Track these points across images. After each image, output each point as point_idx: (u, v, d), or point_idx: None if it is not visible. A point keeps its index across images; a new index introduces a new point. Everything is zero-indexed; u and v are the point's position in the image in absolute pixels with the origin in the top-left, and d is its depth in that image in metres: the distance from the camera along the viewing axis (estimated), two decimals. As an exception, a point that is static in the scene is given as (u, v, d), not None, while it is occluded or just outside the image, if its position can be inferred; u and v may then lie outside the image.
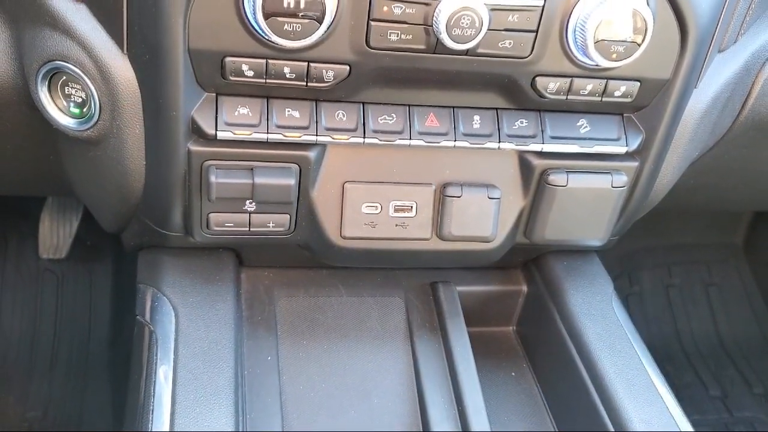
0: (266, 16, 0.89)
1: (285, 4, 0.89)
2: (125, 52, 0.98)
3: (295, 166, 1.07)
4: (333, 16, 0.92)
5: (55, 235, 2.15)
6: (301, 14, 0.90)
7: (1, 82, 1.08)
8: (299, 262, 1.29)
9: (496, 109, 1.11)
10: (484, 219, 1.14)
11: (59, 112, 1.05)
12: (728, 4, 1.08)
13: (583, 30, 0.98)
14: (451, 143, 1.10)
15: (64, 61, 1.00)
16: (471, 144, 1.10)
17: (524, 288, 1.40)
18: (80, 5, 0.98)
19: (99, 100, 1.01)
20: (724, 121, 1.29)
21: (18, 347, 2.07)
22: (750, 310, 2.55)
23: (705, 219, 2.60)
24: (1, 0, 1.03)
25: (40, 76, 1.02)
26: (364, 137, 1.07)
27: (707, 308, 2.53)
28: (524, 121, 1.11)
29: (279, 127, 1.04)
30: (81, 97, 1.03)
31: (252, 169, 1.06)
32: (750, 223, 2.59)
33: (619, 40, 0.98)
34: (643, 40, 0.99)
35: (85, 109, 1.04)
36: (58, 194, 2.05)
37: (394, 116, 1.08)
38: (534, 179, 1.15)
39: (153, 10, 0.92)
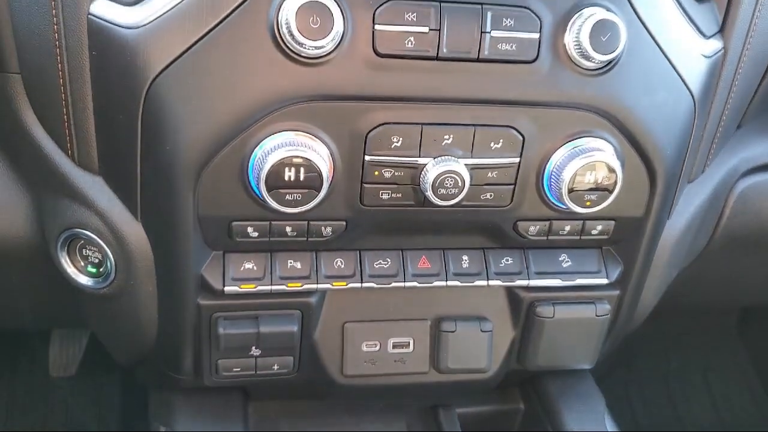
0: (269, 189, 0.98)
1: (286, 178, 0.98)
2: (139, 219, 1.07)
3: (297, 312, 1.15)
4: (329, 184, 1.01)
5: (65, 354, 2.21)
6: (300, 186, 0.99)
7: (23, 243, 1.17)
8: (304, 394, 1.35)
9: (483, 248, 1.19)
10: (479, 351, 1.21)
11: (77, 272, 1.14)
12: (693, 142, 1.18)
13: (557, 182, 1.07)
14: (443, 283, 1.18)
15: (83, 229, 1.08)
16: (462, 283, 1.18)
17: (522, 406, 1.46)
18: (97, 178, 1.07)
19: (115, 262, 1.10)
20: (699, 242, 1.38)
21: (28, 465, 2.10)
22: (749, 394, 2.58)
23: (697, 305, 2.65)
24: (23, 171, 1.13)
25: (60, 242, 1.10)
26: (362, 282, 1.15)
27: (706, 393, 2.56)
28: (509, 258, 1.19)
29: (282, 278, 1.12)
30: (98, 258, 1.12)
31: (257, 317, 1.13)
32: (742, 308, 2.65)
33: (592, 189, 1.07)
34: (614, 188, 1.08)
35: (101, 269, 1.12)
36: (73, 327, 2.12)
37: (389, 260, 1.16)
38: (523, 311, 1.23)
39: (165, 183, 1.01)
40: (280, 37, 0.93)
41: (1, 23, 0.99)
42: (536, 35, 0.99)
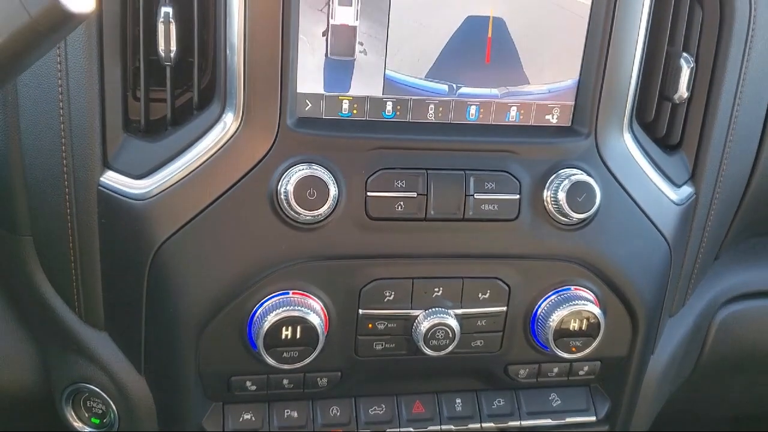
0: (267, 348, 1.03)
1: (283, 337, 1.02)
2: (142, 374, 1.11)
3: None
4: (324, 338, 1.05)
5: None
6: (297, 344, 1.03)
7: (28, 392, 1.21)
8: None
9: (476, 390, 1.23)
10: (474, 496, 1.24)
11: (81, 424, 1.17)
12: (671, 282, 1.23)
13: (543, 329, 1.12)
14: (437, 427, 1.21)
15: (87, 383, 1.12)
16: (455, 427, 1.21)
17: None
18: (102, 333, 1.12)
19: (118, 414, 1.13)
20: (685, 370, 1.42)
21: None
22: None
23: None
24: (31, 324, 1.18)
25: (65, 395, 1.14)
26: (357, 430, 1.18)
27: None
28: (501, 400, 1.23)
29: (279, 427, 1.15)
30: (101, 409, 1.15)
31: None
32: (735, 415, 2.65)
33: (576, 335, 1.12)
34: (598, 334, 1.13)
35: (105, 420, 1.16)
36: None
37: (383, 406, 1.20)
38: None
39: (168, 341, 1.06)
40: (279, 206, 1.00)
41: (15, 190, 1.06)
42: (516, 196, 1.06)
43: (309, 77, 1.01)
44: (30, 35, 0.65)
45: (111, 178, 1.02)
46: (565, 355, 1.13)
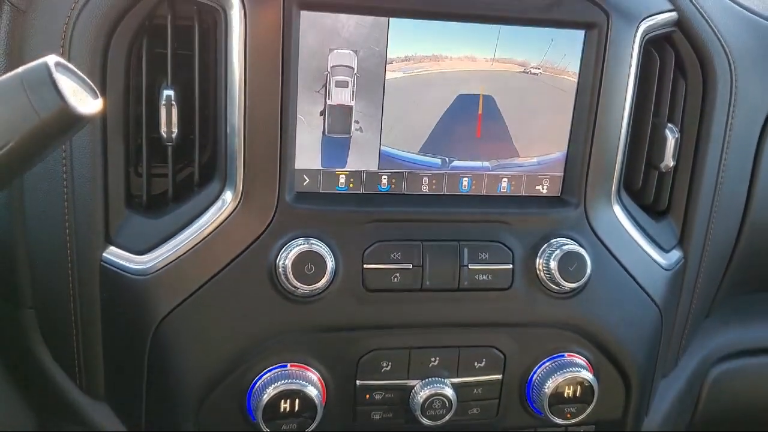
0: (266, 421, 1.04)
1: (282, 410, 1.04)
2: None
3: None
4: (323, 411, 1.07)
5: None
6: (296, 416, 1.05)
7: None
8: None
9: None
10: None
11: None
12: (663, 344, 1.26)
13: (538, 395, 1.14)
14: None
15: (88, 455, 1.13)
16: None
17: None
18: (103, 404, 1.13)
19: (119, 483, 1.14)
20: (679, 429, 1.43)
21: None
22: None
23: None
24: (31, 396, 1.18)
25: (66, 466, 1.15)
26: None
27: None
28: None
29: None
30: (102, 477, 1.16)
31: None
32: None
33: (571, 402, 1.14)
34: (592, 400, 1.15)
35: (105, 489, 1.16)
36: None
37: None
38: None
39: (168, 413, 1.07)
40: (277, 280, 1.02)
41: (18, 264, 1.08)
42: (509, 266, 1.09)
43: (307, 154, 1.04)
44: (40, 136, 0.68)
45: (113, 254, 1.04)
46: (560, 421, 1.15)
